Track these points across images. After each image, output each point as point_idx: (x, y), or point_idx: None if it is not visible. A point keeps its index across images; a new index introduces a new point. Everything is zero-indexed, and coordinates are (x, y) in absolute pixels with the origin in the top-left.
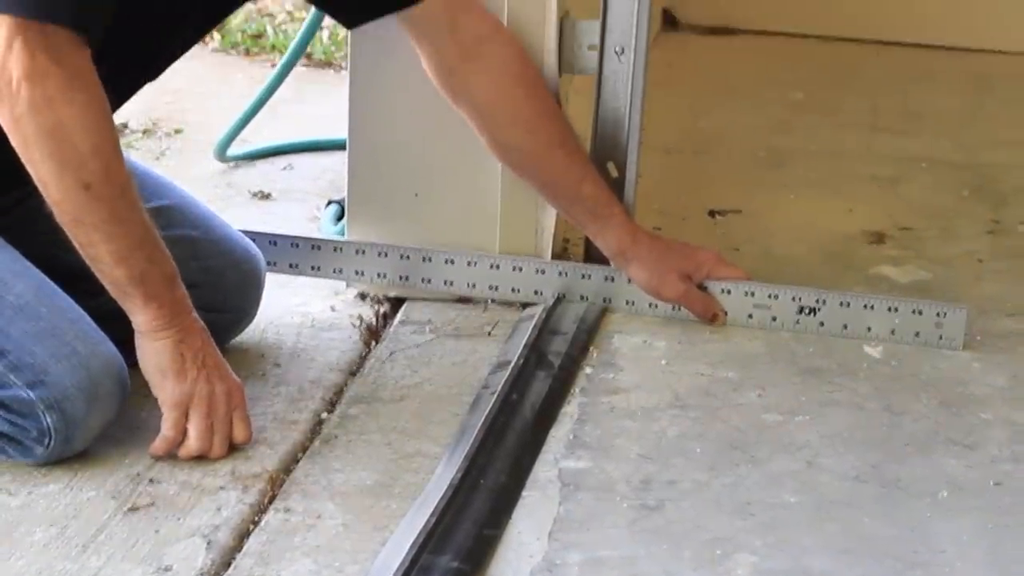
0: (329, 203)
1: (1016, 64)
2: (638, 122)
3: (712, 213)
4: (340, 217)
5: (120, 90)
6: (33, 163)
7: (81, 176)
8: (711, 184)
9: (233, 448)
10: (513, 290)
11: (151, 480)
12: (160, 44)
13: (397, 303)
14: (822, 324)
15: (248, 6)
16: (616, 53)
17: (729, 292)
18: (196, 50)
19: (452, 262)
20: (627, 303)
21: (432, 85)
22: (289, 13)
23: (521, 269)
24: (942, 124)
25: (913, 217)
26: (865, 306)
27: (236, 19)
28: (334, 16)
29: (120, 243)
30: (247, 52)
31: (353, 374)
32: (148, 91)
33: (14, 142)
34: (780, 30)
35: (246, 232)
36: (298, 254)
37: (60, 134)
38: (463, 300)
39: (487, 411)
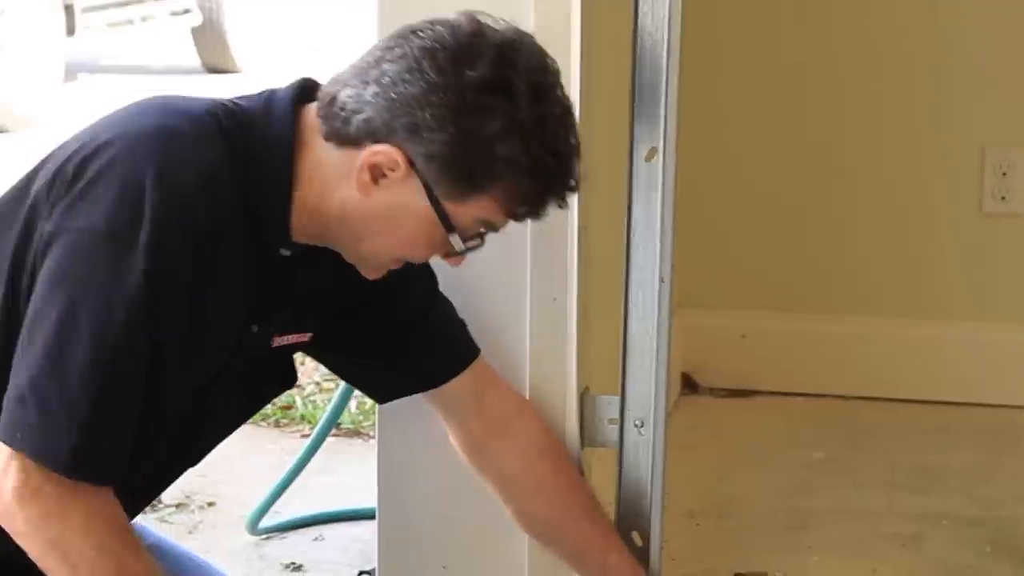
0: (360, 574)
1: None
2: (660, 491)
3: None
4: None
5: (162, 480)
6: (49, 572)
7: None
8: (736, 547)
9: None
10: None
11: None
12: (198, 438)
13: None
14: None
15: None
16: (636, 426)
17: None
18: None
19: None
20: None
21: (458, 456)
22: (317, 384)
23: None
24: (960, 480)
25: None
26: None
27: None
28: (365, 392)
29: None
30: (277, 423)
31: None
32: None
33: (30, 556)
34: (798, 391)
35: None
36: None
37: (64, 545)
38: None
39: None
